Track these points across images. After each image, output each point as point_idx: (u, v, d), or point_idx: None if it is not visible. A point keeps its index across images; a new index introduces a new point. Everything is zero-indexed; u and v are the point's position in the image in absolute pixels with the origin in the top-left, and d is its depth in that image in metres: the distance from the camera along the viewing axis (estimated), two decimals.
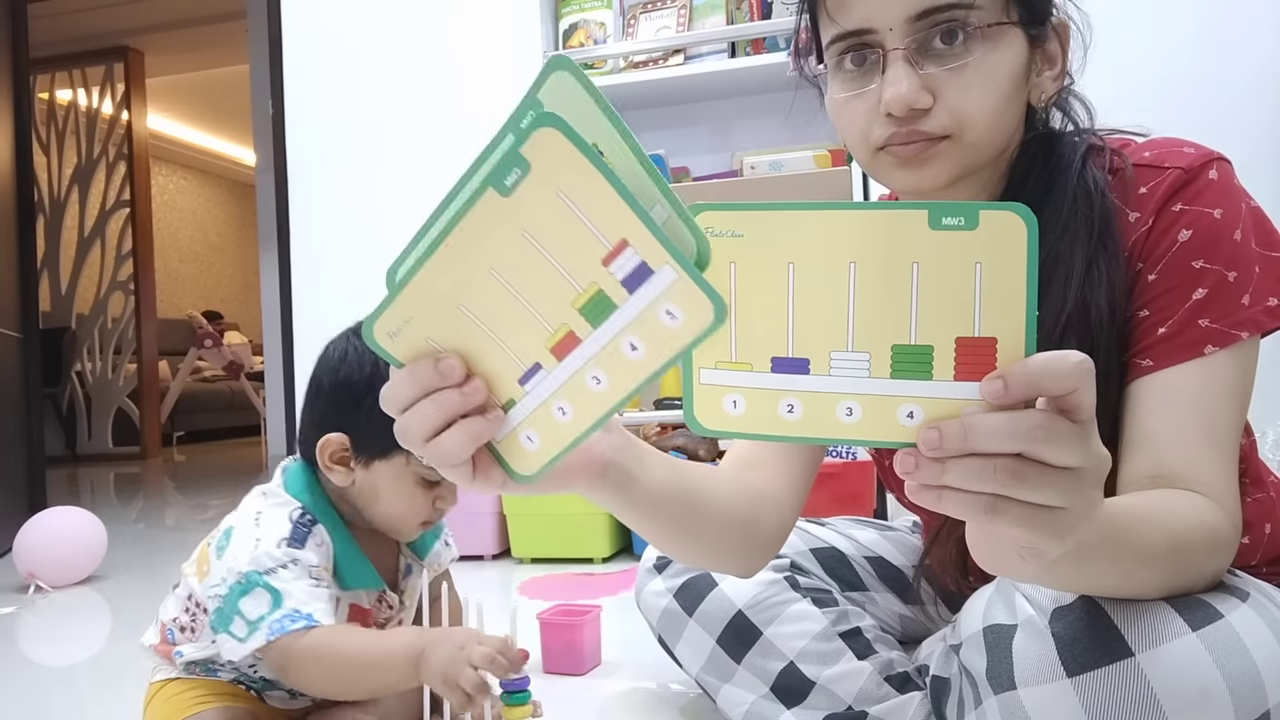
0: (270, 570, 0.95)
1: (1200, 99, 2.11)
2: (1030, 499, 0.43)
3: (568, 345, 0.46)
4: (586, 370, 0.47)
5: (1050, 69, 0.78)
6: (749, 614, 0.98)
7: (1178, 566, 0.62)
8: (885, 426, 0.45)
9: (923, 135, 0.73)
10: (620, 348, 0.45)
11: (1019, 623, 0.66)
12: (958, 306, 0.43)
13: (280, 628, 0.92)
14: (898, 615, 1.09)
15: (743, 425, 0.48)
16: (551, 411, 0.49)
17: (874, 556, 1.11)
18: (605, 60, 2.46)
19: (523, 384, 0.49)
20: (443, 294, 0.47)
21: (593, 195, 0.42)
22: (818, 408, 0.46)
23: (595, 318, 0.45)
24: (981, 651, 0.69)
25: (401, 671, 0.91)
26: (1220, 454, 0.69)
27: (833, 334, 0.45)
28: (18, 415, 2.95)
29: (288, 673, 0.94)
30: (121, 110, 5.79)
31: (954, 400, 0.44)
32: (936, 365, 0.44)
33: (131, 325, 5.78)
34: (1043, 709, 0.63)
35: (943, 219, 0.43)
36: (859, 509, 1.94)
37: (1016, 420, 0.42)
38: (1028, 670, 0.64)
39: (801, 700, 0.94)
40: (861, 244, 0.44)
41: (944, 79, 0.72)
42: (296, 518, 1.00)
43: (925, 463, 0.43)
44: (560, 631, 1.32)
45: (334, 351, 1.04)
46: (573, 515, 2.12)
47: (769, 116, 2.52)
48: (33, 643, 1.74)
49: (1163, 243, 0.73)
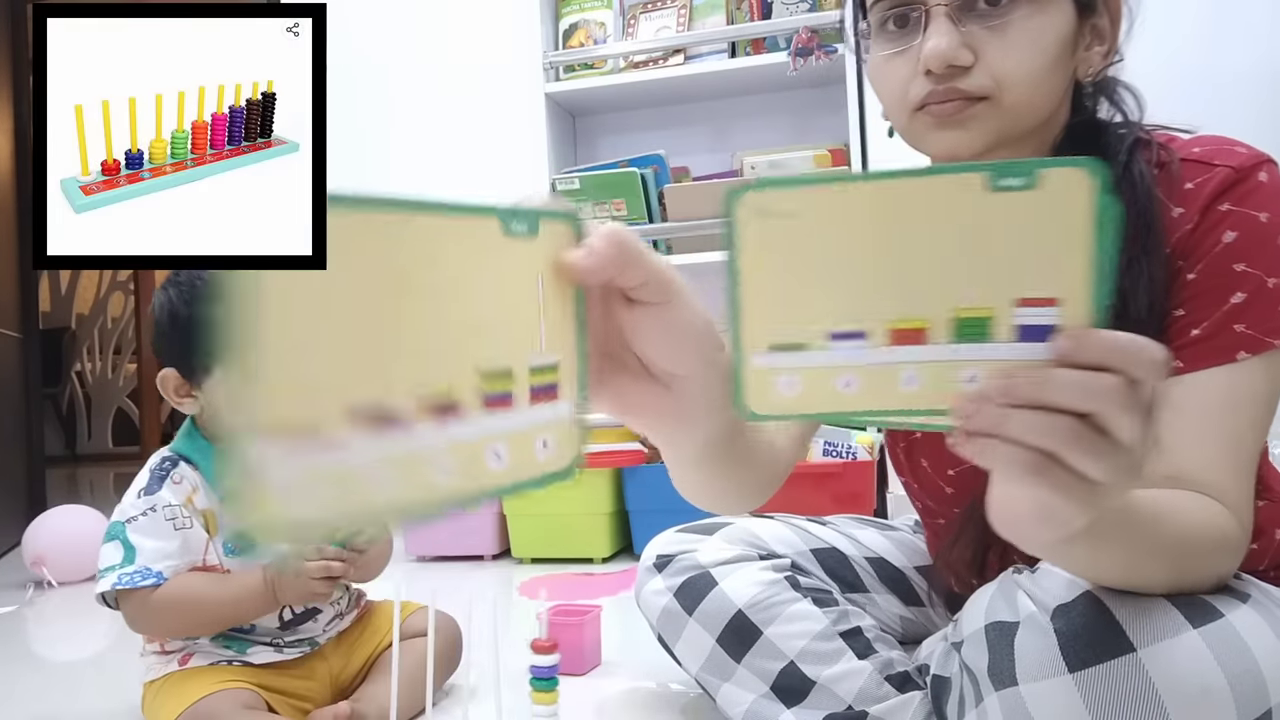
0: (131, 519, 1.06)
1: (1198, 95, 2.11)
2: (1079, 466, 0.42)
3: (910, 337, 0.44)
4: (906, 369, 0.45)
5: (1099, 44, 0.77)
6: (749, 614, 0.98)
7: (1185, 565, 0.63)
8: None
9: (960, 94, 0.72)
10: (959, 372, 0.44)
11: (1021, 620, 0.66)
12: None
13: (130, 581, 1.03)
14: (898, 617, 1.09)
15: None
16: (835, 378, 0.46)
17: (875, 557, 1.10)
18: (605, 60, 2.46)
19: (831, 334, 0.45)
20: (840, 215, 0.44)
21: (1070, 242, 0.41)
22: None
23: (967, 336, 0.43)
24: (983, 648, 0.69)
25: (260, 602, 1.05)
26: (1239, 461, 0.68)
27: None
28: (18, 415, 2.95)
29: (139, 621, 1.06)
30: None
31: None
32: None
33: (131, 325, 5.78)
34: (1044, 705, 0.63)
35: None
36: (859, 509, 1.93)
37: (1097, 379, 0.41)
38: (1029, 666, 0.64)
39: (801, 700, 0.94)
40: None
41: (985, 37, 0.71)
42: (154, 465, 1.12)
43: (988, 408, 0.42)
44: (560, 631, 1.31)
45: (150, 310, 1.20)
46: (573, 515, 2.12)
47: (769, 116, 2.52)
48: (33, 642, 1.74)
49: (1205, 242, 0.72)
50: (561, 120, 2.57)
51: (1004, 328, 0.43)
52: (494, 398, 0.40)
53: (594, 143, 2.67)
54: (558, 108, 2.53)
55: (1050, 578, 0.67)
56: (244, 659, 1.09)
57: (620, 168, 2.36)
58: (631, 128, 2.62)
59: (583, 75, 2.47)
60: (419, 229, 0.37)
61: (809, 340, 0.46)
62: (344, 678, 1.16)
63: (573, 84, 2.44)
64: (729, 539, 1.06)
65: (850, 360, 0.45)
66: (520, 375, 0.41)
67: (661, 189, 2.35)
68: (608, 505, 2.12)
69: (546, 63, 2.44)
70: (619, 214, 2.38)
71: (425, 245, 0.37)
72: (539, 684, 1.05)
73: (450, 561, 2.21)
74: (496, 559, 2.23)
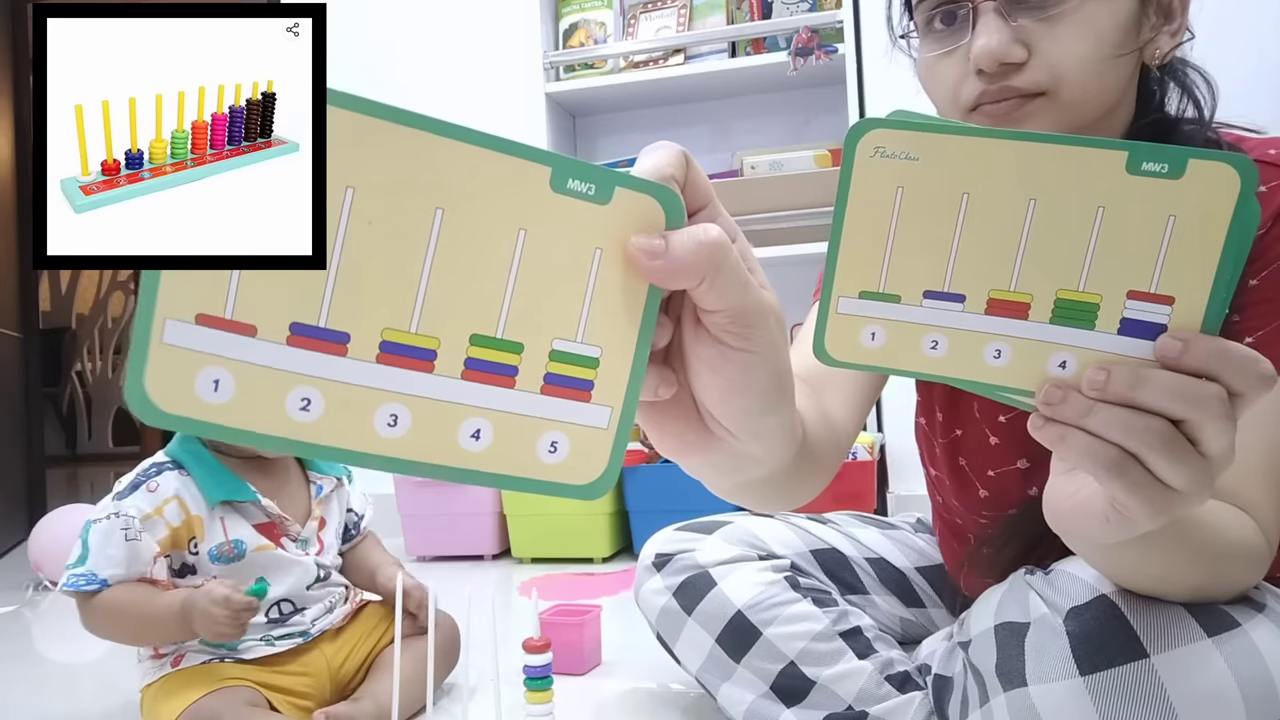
0: (96, 521, 1.08)
1: None
2: (1160, 470, 0.41)
3: (1009, 309, 0.43)
4: (997, 341, 0.43)
5: (1168, 24, 0.72)
6: (748, 614, 0.98)
7: (1217, 576, 0.62)
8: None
9: (1015, 92, 0.69)
10: (1050, 355, 0.43)
11: (1032, 621, 0.66)
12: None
13: (74, 584, 1.05)
14: (898, 618, 1.09)
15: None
16: (923, 337, 0.44)
17: (875, 558, 1.10)
18: (605, 60, 2.46)
19: (926, 297, 0.44)
20: (964, 169, 0.42)
21: (1201, 240, 0.40)
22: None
23: (1068, 320, 0.42)
24: (992, 648, 0.68)
25: (174, 628, 1.05)
26: (1272, 476, 0.67)
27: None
28: (18, 415, 2.95)
29: (84, 621, 1.08)
30: None
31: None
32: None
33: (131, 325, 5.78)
34: (1053, 706, 0.63)
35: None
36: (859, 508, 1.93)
37: (1198, 386, 0.40)
38: (1040, 667, 0.63)
39: (801, 700, 0.94)
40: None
41: (1038, 30, 0.68)
42: (141, 469, 1.14)
43: (1075, 398, 0.41)
44: (560, 631, 1.31)
45: None
46: (573, 515, 2.12)
47: (769, 116, 2.52)
48: (34, 641, 1.74)
49: (1274, 249, 0.68)
50: (561, 120, 2.57)
51: (1109, 318, 0.41)
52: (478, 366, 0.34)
53: (594, 143, 2.67)
54: (558, 108, 2.53)
55: (1064, 580, 0.67)
56: (235, 655, 1.09)
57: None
58: (631, 128, 2.62)
59: (583, 75, 2.47)
60: (448, 153, 0.33)
61: (903, 293, 0.44)
62: (343, 675, 1.16)
63: (573, 84, 2.44)
64: (728, 539, 1.06)
65: (941, 321, 0.43)
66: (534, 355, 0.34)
67: None
68: (608, 505, 2.12)
69: (546, 63, 2.44)
70: None
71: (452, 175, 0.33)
72: (533, 683, 1.05)
73: (450, 561, 2.21)
74: (496, 559, 2.23)
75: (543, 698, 1.05)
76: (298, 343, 0.31)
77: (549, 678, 1.05)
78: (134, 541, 1.07)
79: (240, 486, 1.13)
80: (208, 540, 1.10)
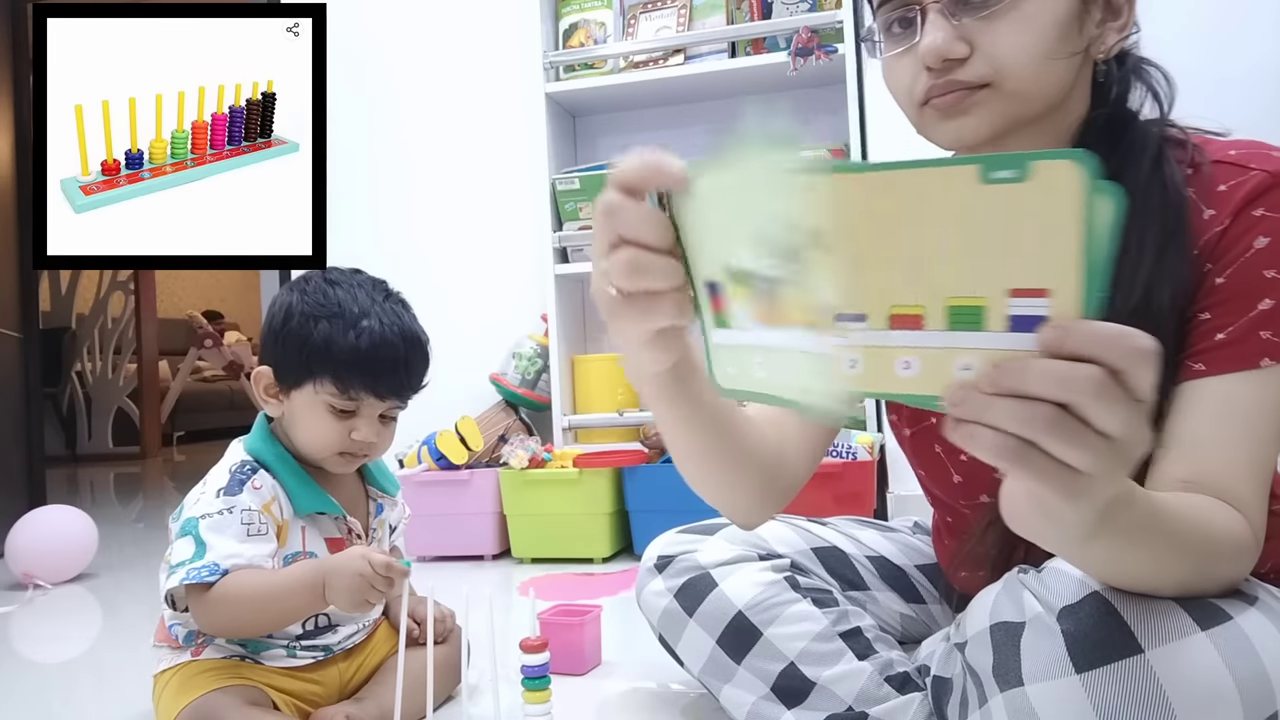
0: (206, 516, 1.04)
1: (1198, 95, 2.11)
2: (1059, 454, 0.43)
3: (908, 322, 0.46)
4: (903, 354, 0.46)
5: (1114, 20, 0.76)
6: (749, 615, 0.98)
7: (1203, 570, 0.63)
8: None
9: (960, 84, 0.74)
10: (951, 360, 0.45)
11: (1027, 620, 0.66)
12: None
13: (196, 575, 1.00)
14: (899, 614, 1.09)
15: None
16: (842, 357, 0.48)
17: (876, 556, 1.10)
18: (605, 60, 2.46)
19: (837, 320, 0.47)
20: (855, 205, 0.46)
21: (1059, 234, 0.41)
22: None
23: (961, 324, 0.45)
24: (988, 649, 0.68)
25: (306, 597, 1.01)
26: (1257, 469, 0.68)
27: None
28: (18, 415, 2.95)
29: (201, 617, 1.03)
30: None
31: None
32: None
33: (131, 325, 5.78)
34: (1050, 706, 0.63)
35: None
36: (859, 509, 1.94)
37: (1074, 369, 0.42)
38: (1035, 667, 0.64)
39: (802, 701, 0.94)
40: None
41: (979, 27, 0.73)
42: (234, 468, 1.09)
43: (974, 396, 0.44)
44: (560, 631, 1.31)
45: (272, 301, 1.15)
46: (573, 515, 2.12)
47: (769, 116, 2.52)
48: (34, 642, 1.74)
49: (1236, 246, 0.71)
50: (561, 120, 2.57)
51: (997, 317, 0.43)
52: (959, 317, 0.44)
53: (594, 143, 2.67)
54: (558, 108, 2.53)
55: (1057, 578, 0.67)
56: (256, 659, 1.09)
57: None
58: (631, 128, 2.62)
59: (583, 75, 2.47)
60: (901, 181, 0.43)
61: (816, 319, 0.48)
62: (352, 686, 1.16)
63: (573, 84, 2.44)
64: (730, 539, 1.06)
65: (854, 341, 0.47)
66: (996, 305, 0.43)
67: None
68: (608, 505, 2.12)
69: (546, 63, 2.43)
70: None
71: (906, 194, 0.43)
72: (530, 683, 1.05)
73: (450, 561, 2.21)
74: (496, 559, 2.23)
75: (540, 698, 1.05)
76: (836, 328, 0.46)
77: (546, 678, 1.05)
78: (258, 536, 1.04)
79: (327, 499, 1.12)
80: (287, 547, 1.08)
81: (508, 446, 2.25)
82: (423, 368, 1.14)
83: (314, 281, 1.12)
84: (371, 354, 1.07)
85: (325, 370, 1.07)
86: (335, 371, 1.07)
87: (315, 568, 1.02)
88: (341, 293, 1.09)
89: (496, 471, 2.21)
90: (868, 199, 0.45)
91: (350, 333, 1.07)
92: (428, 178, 2.74)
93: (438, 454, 2.20)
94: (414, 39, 2.76)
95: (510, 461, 2.17)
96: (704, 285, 0.49)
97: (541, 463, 2.17)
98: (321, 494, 1.12)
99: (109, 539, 2.23)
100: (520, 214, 2.65)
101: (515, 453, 2.17)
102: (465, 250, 2.69)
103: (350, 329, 1.07)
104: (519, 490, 2.16)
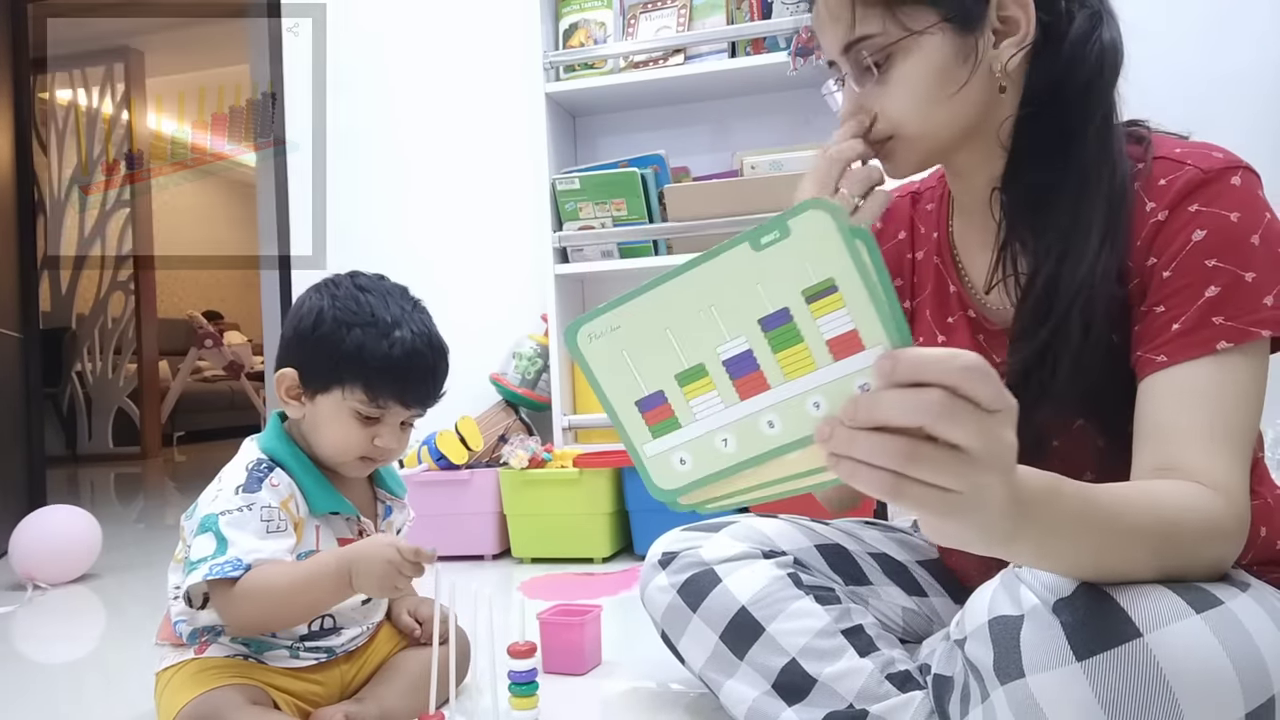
0: (226, 513, 1.03)
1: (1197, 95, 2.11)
2: (926, 479, 0.47)
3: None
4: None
5: (1011, 35, 0.82)
6: (751, 610, 0.98)
7: (1169, 551, 0.64)
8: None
9: (873, 139, 0.86)
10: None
11: (1025, 613, 0.66)
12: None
13: (220, 571, 1.00)
14: (901, 609, 1.09)
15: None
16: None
17: (878, 553, 1.11)
18: (605, 60, 2.46)
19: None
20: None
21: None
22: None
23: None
24: (988, 644, 0.68)
25: (332, 587, 1.01)
26: (1226, 448, 0.70)
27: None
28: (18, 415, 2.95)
29: (225, 612, 1.03)
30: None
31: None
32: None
33: (131, 325, 5.78)
34: (1052, 696, 0.63)
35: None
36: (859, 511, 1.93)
37: (918, 394, 0.45)
38: (1036, 658, 0.64)
39: (803, 698, 0.94)
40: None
41: (874, 93, 0.85)
42: (251, 466, 1.08)
43: (840, 430, 0.47)
44: (560, 631, 1.31)
45: (297, 301, 1.14)
46: (573, 515, 2.12)
47: (769, 116, 2.52)
48: (36, 642, 1.74)
49: (1176, 241, 0.76)
50: (561, 120, 2.57)
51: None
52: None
53: (594, 143, 2.67)
54: (558, 108, 2.53)
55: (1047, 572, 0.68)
56: (259, 658, 1.09)
57: (620, 168, 2.36)
58: (631, 128, 2.62)
59: (583, 75, 2.47)
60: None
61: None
62: (353, 686, 1.16)
63: (573, 84, 2.44)
64: (734, 536, 1.07)
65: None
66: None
67: (661, 189, 2.35)
68: (608, 505, 2.12)
69: (546, 63, 2.43)
70: (619, 214, 2.38)
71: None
72: (517, 689, 1.04)
73: (451, 561, 2.21)
74: (497, 559, 2.23)
75: (528, 703, 1.03)
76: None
77: (534, 683, 1.04)
78: (278, 533, 1.04)
79: (342, 500, 1.13)
80: (302, 545, 1.08)
81: (508, 446, 2.25)
82: (446, 377, 1.15)
83: (344, 286, 1.12)
84: (404, 363, 1.08)
85: (356, 377, 1.07)
86: (367, 379, 1.07)
87: (340, 557, 1.02)
88: (374, 300, 1.10)
89: (496, 471, 2.21)
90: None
91: (384, 341, 1.07)
92: (428, 177, 2.74)
93: (438, 454, 2.20)
94: (414, 39, 2.76)
95: (510, 461, 2.17)
96: (633, 406, 0.54)
97: (541, 463, 2.18)
98: (336, 494, 1.12)
99: (110, 539, 2.23)
100: (520, 214, 2.65)
101: (515, 453, 2.17)
102: (465, 250, 2.70)
103: (384, 338, 1.07)
104: (519, 490, 2.16)
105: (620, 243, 2.40)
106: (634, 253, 2.41)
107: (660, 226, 2.36)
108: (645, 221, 2.37)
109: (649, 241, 2.40)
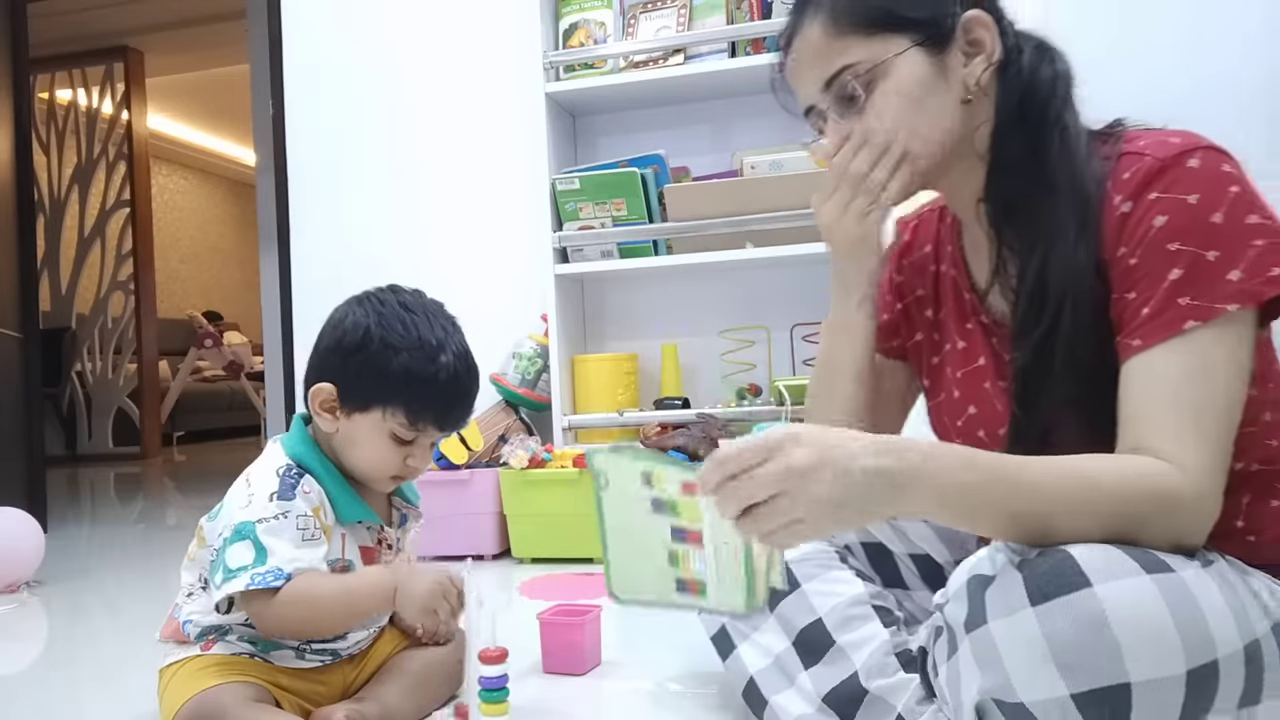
0: (262, 520, 1.03)
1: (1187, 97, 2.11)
2: (774, 524, 0.70)
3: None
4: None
5: (979, 53, 0.89)
6: (793, 567, 1.01)
7: (1108, 513, 0.71)
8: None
9: None
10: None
11: (998, 573, 0.71)
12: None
13: (262, 581, 1.00)
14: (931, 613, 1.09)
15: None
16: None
17: (920, 554, 1.11)
18: (605, 60, 2.46)
19: None
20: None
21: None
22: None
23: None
24: (963, 601, 0.73)
25: (375, 603, 1.05)
26: (1196, 426, 0.73)
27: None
28: (18, 415, 2.95)
29: (265, 619, 1.03)
30: (121, 110, 5.79)
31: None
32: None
33: (131, 325, 5.78)
34: (1007, 638, 0.68)
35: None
36: None
37: (735, 490, 0.71)
38: (997, 606, 0.69)
39: (819, 659, 0.96)
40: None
41: (858, 121, 0.91)
42: (283, 472, 1.08)
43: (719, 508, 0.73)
44: (560, 631, 1.32)
45: (338, 314, 1.14)
46: (573, 515, 2.12)
47: (769, 116, 2.52)
48: (35, 641, 1.74)
49: (1139, 229, 0.79)
50: (561, 120, 2.57)
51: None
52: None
53: (594, 143, 2.67)
54: (558, 108, 2.53)
55: None
56: (264, 657, 1.09)
57: (620, 168, 2.36)
58: (631, 128, 2.62)
59: (583, 75, 2.47)
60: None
61: None
62: (357, 683, 1.16)
63: (573, 84, 2.44)
64: None
65: None
66: None
67: (661, 189, 2.35)
68: None
69: (546, 63, 2.43)
70: (619, 214, 2.38)
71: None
72: (487, 695, 1.03)
73: (451, 562, 2.21)
74: (497, 559, 2.23)
75: (498, 710, 1.03)
76: None
77: (505, 689, 1.03)
78: (312, 541, 1.05)
79: (368, 509, 1.13)
80: (329, 552, 1.08)
81: (508, 446, 2.25)
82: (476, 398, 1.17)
83: (389, 305, 1.11)
84: (448, 390, 1.10)
85: (399, 401, 1.08)
86: (409, 404, 1.08)
87: (389, 573, 1.05)
88: (419, 321, 1.10)
89: (496, 471, 2.21)
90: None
91: (430, 366, 1.07)
92: (427, 178, 2.74)
93: (438, 454, 2.20)
94: (414, 39, 2.76)
95: (510, 461, 2.17)
96: None
97: (541, 463, 2.18)
98: (363, 504, 1.13)
99: (110, 539, 2.23)
100: (520, 214, 2.65)
101: (515, 453, 2.18)
102: (465, 250, 2.70)
103: (430, 362, 1.08)
104: (519, 490, 2.16)
105: (620, 243, 2.40)
106: (634, 253, 2.41)
107: (660, 226, 2.36)
108: (645, 221, 2.37)
109: (649, 241, 2.40)
